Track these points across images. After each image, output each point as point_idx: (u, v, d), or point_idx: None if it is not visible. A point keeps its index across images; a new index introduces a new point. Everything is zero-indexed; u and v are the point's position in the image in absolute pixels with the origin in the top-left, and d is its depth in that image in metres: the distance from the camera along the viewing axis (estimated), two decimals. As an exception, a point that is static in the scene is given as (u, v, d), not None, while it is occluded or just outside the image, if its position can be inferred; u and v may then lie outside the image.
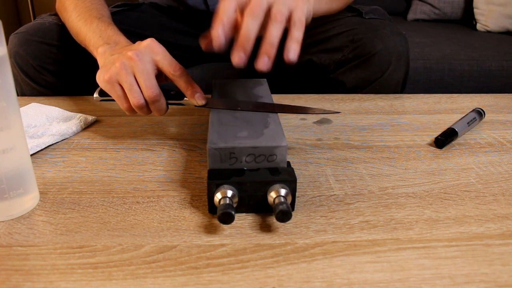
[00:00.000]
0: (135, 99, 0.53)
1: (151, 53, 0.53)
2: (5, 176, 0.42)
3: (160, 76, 0.56)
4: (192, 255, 0.39)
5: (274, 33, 0.47)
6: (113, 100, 0.56)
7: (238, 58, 0.46)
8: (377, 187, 0.50)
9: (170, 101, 0.56)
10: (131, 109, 0.55)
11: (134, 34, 0.81)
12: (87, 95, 0.79)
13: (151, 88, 0.52)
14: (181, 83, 0.54)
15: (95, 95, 0.59)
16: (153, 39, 0.55)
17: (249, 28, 0.46)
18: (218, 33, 0.46)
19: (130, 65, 0.52)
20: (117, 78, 0.53)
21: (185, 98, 0.56)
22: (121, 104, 0.55)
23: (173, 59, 0.54)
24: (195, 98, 0.54)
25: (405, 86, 0.85)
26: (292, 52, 0.47)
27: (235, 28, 0.48)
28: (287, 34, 0.48)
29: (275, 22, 0.47)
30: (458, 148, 0.60)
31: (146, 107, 0.54)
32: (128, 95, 0.53)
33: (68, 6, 0.74)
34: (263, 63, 0.47)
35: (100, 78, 0.54)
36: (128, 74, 0.52)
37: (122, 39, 0.62)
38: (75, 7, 0.72)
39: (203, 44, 0.52)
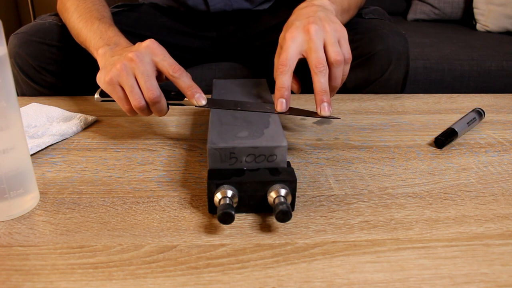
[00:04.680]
0: (136, 101, 0.53)
1: (151, 54, 0.54)
2: (5, 176, 0.42)
3: (161, 76, 0.56)
4: (192, 255, 0.39)
5: (338, 76, 0.55)
6: (113, 100, 0.56)
7: (323, 108, 0.53)
8: (377, 187, 0.50)
9: (170, 102, 0.56)
10: (132, 111, 0.55)
11: (134, 35, 0.81)
12: (87, 95, 0.79)
13: (151, 89, 0.52)
14: (181, 84, 0.54)
15: (96, 95, 0.59)
16: (152, 40, 0.55)
17: (322, 83, 0.53)
18: (283, 107, 0.54)
19: (131, 66, 0.52)
20: (118, 80, 0.53)
21: (185, 99, 0.56)
22: (122, 105, 0.55)
23: (173, 60, 0.54)
24: (195, 99, 0.54)
25: (405, 86, 0.85)
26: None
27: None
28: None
29: (337, 66, 0.54)
30: (458, 148, 0.60)
31: (147, 108, 0.54)
32: (129, 96, 0.53)
33: (69, 7, 0.74)
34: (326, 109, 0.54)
35: (101, 79, 0.54)
36: (129, 76, 0.52)
37: (122, 40, 0.62)
38: (76, 8, 0.72)
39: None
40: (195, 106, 0.55)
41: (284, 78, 0.54)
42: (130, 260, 0.38)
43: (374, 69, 0.79)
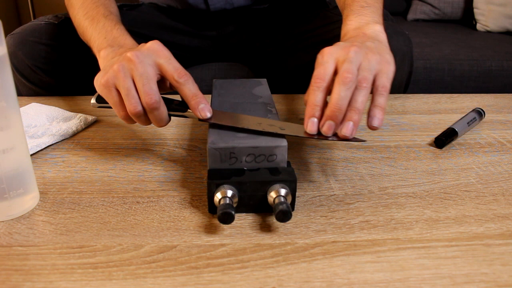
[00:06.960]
0: (132, 105, 0.47)
1: (154, 55, 0.48)
2: (5, 176, 0.42)
3: (164, 83, 0.51)
4: (192, 255, 0.39)
5: (359, 99, 0.45)
6: (110, 107, 0.51)
7: (327, 127, 0.44)
8: (377, 187, 0.50)
9: (171, 113, 0.50)
10: (128, 117, 0.50)
11: (133, 33, 0.81)
12: (84, 94, 0.79)
13: (149, 93, 0.46)
14: (185, 92, 0.48)
15: (92, 100, 0.54)
16: (157, 41, 0.50)
17: (342, 97, 0.44)
18: (313, 128, 0.45)
19: (129, 67, 0.47)
20: (114, 82, 0.47)
21: (188, 110, 0.49)
22: (117, 111, 0.49)
23: (179, 64, 0.49)
24: (199, 110, 0.48)
25: (408, 86, 0.85)
26: (376, 119, 0.46)
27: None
28: (371, 100, 0.47)
29: (360, 88, 0.45)
30: (458, 148, 0.60)
31: (144, 115, 0.48)
32: (124, 100, 0.48)
33: (75, 3, 0.70)
34: (348, 128, 0.45)
35: (98, 81, 0.49)
36: (125, 78, 0.47)
37: (128, 41, 0.58)
38: (82, 4, 0.68)
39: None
40: (199, 119, 0.49)
41: (319, 94, 0.45)
42: (130, 260, 0.38)
43: None
